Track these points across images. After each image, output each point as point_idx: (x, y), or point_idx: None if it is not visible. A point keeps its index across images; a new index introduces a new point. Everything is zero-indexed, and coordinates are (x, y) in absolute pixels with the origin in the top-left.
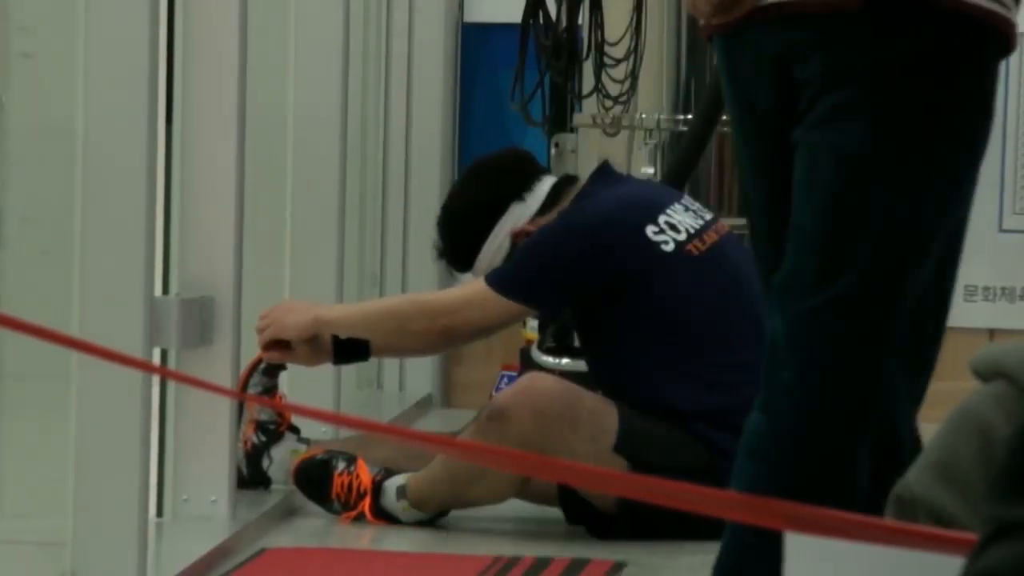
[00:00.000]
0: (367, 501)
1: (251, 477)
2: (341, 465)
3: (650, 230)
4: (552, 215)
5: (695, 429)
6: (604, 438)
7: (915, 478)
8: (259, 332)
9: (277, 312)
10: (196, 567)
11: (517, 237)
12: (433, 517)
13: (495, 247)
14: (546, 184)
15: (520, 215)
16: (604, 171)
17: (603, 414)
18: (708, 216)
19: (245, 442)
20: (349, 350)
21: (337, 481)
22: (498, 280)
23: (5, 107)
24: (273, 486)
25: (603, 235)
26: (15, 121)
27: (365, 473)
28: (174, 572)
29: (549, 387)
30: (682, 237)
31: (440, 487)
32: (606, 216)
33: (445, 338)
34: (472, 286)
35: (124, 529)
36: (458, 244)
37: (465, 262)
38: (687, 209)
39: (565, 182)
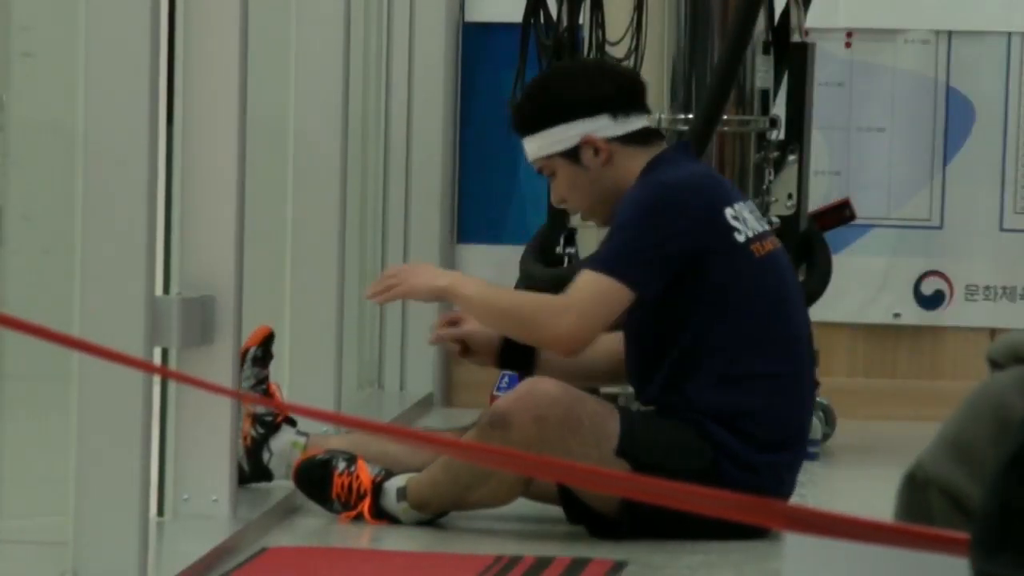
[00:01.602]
0: (367, 502)
1: (252, 472)
2: (341, 465)
3: (728, 213)
4: (629, 151)
5: (704, 426)
6: (606, 442)
7: (929, 458)
8: (385, 290)
9: (407, 273)
10: (197, 566)
11: (585, 144)
12: (433, 518)
13: (563, 136)
14: (641, 121)
15: (603, 128)
16: (685, 146)
17: (605, 417)
18: (766, 225)
19: (244, 437)
20: (515, 359)
21: (337, 481)
22: (606, 263)
23: (6, 106)
24: (275, 481)
25: (691, 206)
26: (16, 120)
27: (365, 474)
28: (175, 571)
29: (551, 391)
30: (750, 233)
31: (441, 489)
32: (694, 187)
33: (575, 344)
34: (582, 280)
35: (125, 528)
36: (541, 107)
37: (530, 125)
38: (751, 211)
39: (655, 133)
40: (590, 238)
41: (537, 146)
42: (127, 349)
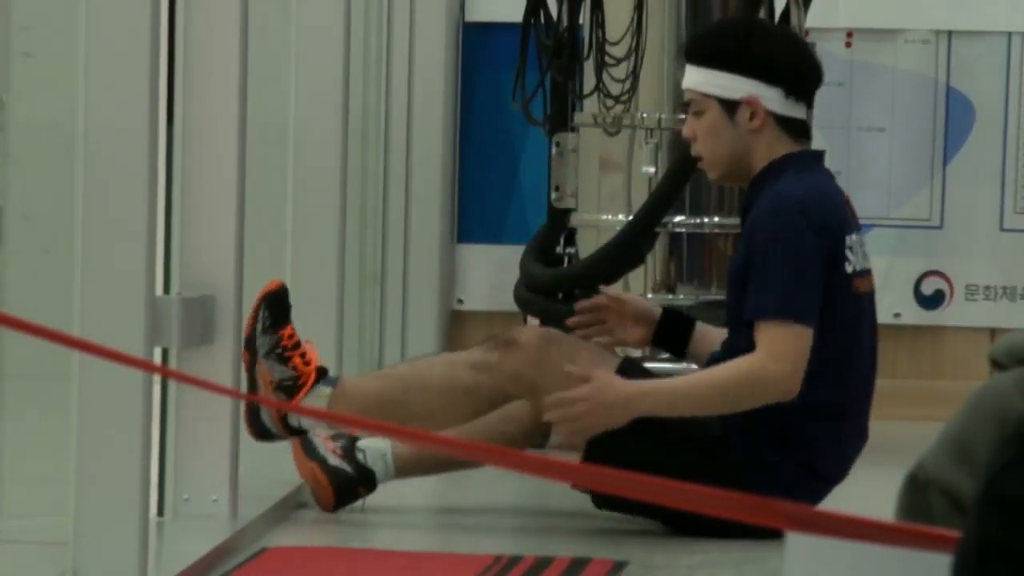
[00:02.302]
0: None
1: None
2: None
3: (847, 240)
4: (778, 133)
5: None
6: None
7: (930, 459)
8: (571, 419)
9: (595, 403)
10: (197, 566)
11: (748, 103)
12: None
13: (733, 85)
14: (802, 113)
15: (772, 99)
16: (820, 155)
17: (605, 356)
18: (869, 264)
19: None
20: (670, 337)
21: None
22: (787, 310)
23: (6, 106)
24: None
25: (823, 227)
26: (16, 120)
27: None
28: (175, 571)
29: (557, 332)
30: (858, 267)
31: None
32: (827, 207)
33: (793, 395)
34: (782, 334)
35: (125, 528)
36: (731, 48)
37: (709, 58)
38: (863, 245)
39: (806, 132)
40: (590, 238)
41: (702, 80)
42: (127, 349)
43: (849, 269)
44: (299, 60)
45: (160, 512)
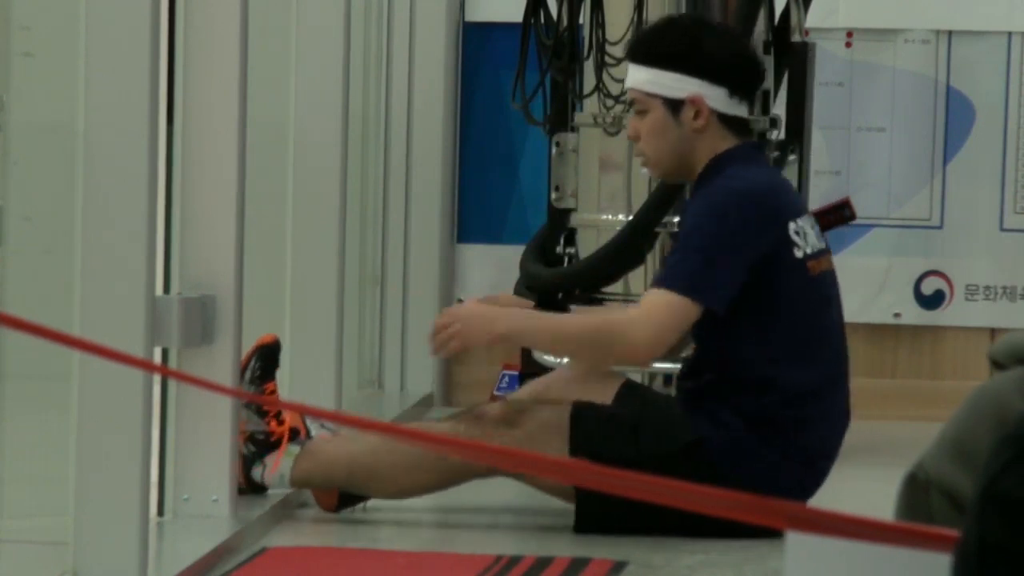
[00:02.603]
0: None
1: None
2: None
3: (791, 227)
4: (722, 132)
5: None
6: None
7: (930, 459)
8: (440, 334)
9: (462, 322)
10: (197, 566)
11: (692, 103)
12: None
13: (678, 85)
14: (744, 111)
15: (716, 99)
16: (759, 146)
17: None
18: (824, 243)
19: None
20: None
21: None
22: (681, 282)
23: (6, 106)
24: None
25: (759, 219)
26: (16, 120)
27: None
28: (175, 571)
29: (522, 401)
30: (808, 250)
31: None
32: (762, 198)
33: (655, 357)
34: (652, 299)
35: (125, 528)
36: (675, 47)
37: (652, 57)
38: (812, 227)
39: (747, 130)
40: (590, 238)
41: (647, 79)
42: (127, 349)
43: (799, 254)
44: (299, 60)
45: (160, 512)
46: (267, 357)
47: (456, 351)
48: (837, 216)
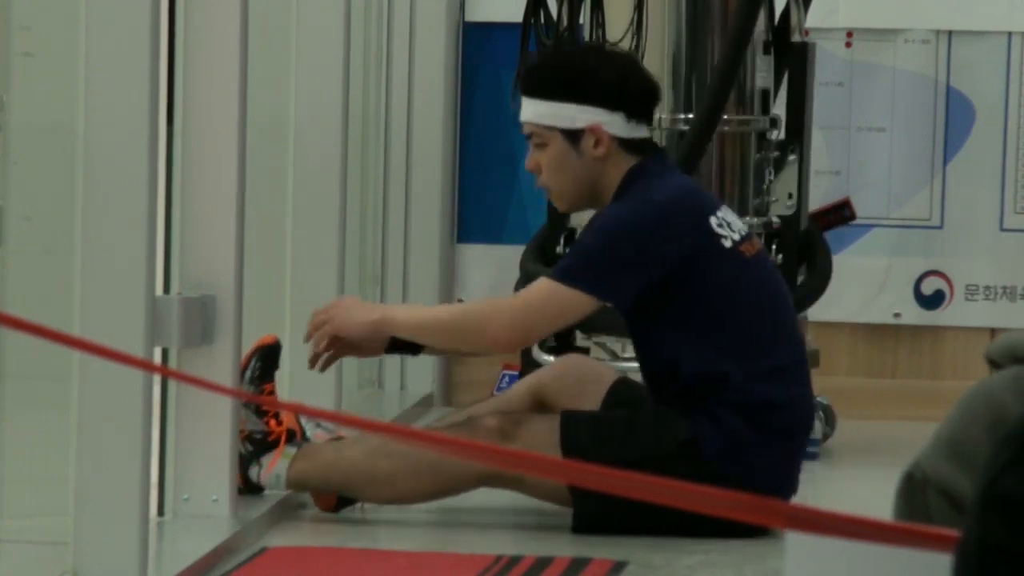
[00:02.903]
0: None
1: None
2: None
3: (713, 221)
4: (624, 155)
5: (722, 416)
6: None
7: (926, 458)
8: (316, 328)
9: (337, 310)
10: (197, 566)
11: (591, 132)
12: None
13: (574, 115)
14: (644, 132)
15: (614, 125)
16: (662, 154)
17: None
18: (745, 227)
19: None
20: (403, 345)
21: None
22: (569, 273)
23: (6, 106)
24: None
25: (676, 225)
26: (16, 120)
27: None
28: (175, 571)
29: (517, 414)
30: (736, 237)
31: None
32: (677, 203)
33: (521, 341)
34: (539, 286)
35: (125, 528)
36: (566, 78)
37: (545, 90)
38: (733, 215)
39: (651, 146)
40: None
41: (543, 112)
42: (127, 349)
43: (729, 243)
44: (299, 60)
45: (160, 512)
46: (267, 358)
47: (328, 335)
48: (837, 216)
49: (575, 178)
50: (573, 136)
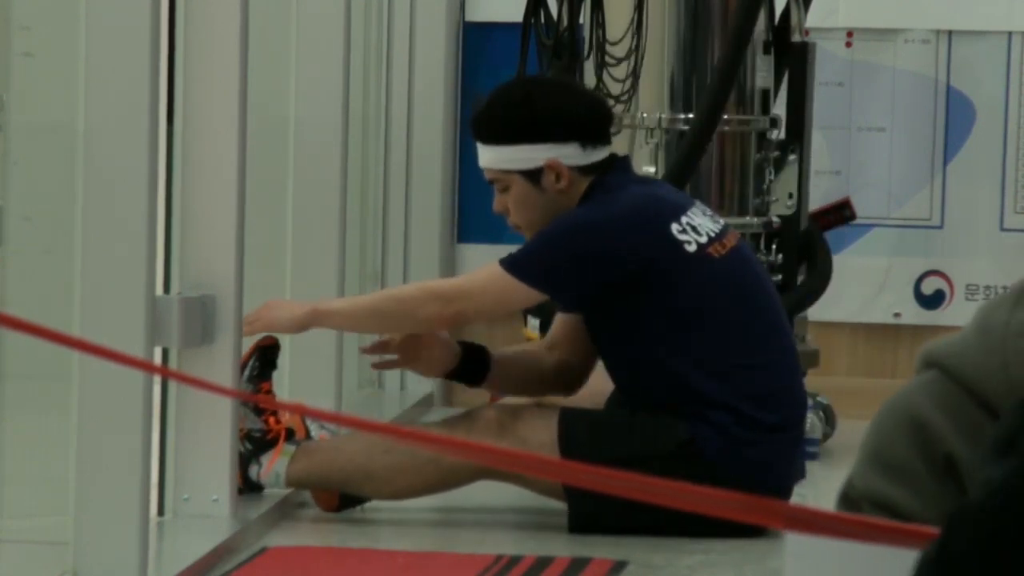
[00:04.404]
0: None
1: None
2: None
3: (675, 228)
4: (587, 180)
5: (716, 418)
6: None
7: (857, 476)
8: (248, 325)
9: (265, 310)
10: (197, 566)
11: (549, 168)
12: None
13: (529, 156)
14: (604, 152)
15: (570, 156)
16: (624, 165)
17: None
18: (723, 222)
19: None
20: (462, 373)
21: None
22: (516, 264)
23: (6, 106)
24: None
25: (630, 230)
26: (16, 120)
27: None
28: (175, 571)
29: (514, 406)
30: (703, 240)
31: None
32: (634, 211)
33: (455, 323)
34: (486, 270)
35: (126, 528)
36: (513, 121)
37: (496, 136)
38: (704, 213)
39: (612, 161)
40: None
41: (497, 158)
42: (127, 349)
43: (692, 248)
44: (299, 60)
45: (161, 512)
46: (265, 357)
47: (258, 331)
48: (837, 216)
49: (542, 213)
50: (533, 175)
